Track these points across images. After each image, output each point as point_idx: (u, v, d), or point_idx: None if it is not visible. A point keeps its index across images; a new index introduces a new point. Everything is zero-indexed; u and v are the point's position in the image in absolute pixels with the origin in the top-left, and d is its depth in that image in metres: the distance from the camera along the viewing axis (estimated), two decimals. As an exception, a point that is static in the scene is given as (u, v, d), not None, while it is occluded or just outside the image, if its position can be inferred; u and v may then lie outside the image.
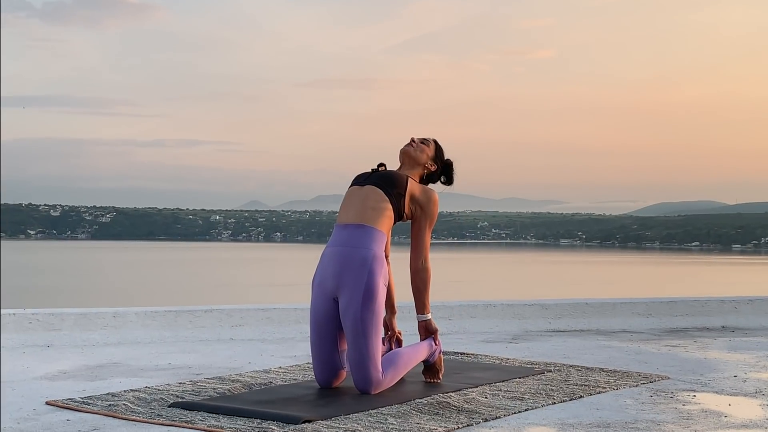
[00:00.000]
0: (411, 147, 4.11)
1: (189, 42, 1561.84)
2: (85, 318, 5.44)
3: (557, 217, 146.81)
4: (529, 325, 6.19)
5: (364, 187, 3.93)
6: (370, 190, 3.91)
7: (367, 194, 3.90)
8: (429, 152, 4.13)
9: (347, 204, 3.94)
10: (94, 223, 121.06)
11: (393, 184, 3.92)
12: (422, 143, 4.14)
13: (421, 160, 4.10)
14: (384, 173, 3.98)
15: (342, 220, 3.90)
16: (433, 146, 4.18)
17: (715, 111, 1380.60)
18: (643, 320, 6.44)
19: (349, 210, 3.91)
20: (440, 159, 4.18)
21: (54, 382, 4.05)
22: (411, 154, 4.09)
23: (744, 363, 4.76)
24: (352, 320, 3.73)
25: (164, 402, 3.56)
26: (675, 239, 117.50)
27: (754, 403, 3.71)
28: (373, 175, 3.98)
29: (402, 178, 3.97)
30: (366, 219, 3.85)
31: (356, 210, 3.88)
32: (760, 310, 6.71)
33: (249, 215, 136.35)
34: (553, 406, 3.60)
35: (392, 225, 3.95)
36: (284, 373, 4.27)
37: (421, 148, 4.12)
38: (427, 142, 4.16)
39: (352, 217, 3.87)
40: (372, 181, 3.94)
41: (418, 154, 4.09)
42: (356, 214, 3.87)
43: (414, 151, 4.09)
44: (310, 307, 3.89)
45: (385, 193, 3.89)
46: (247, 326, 5.69)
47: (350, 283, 3.76)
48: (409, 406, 3.52)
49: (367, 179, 3.97)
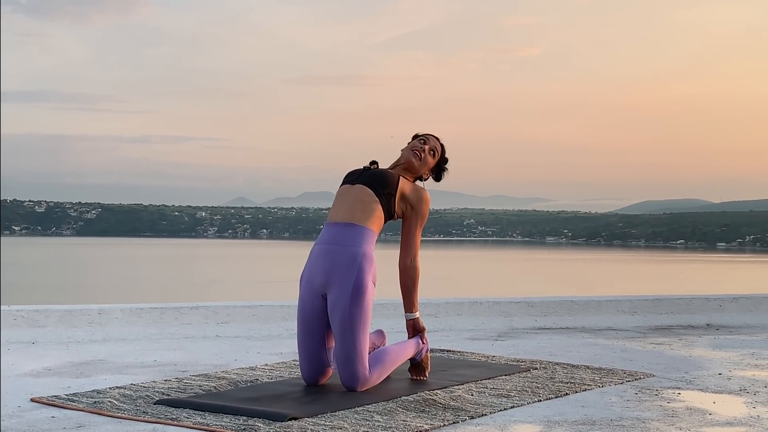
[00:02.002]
0: (416, 159, 4.04)
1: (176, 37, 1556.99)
2: (70, 315, 5.42)
3: (543, 215, 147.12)
4: (515, 323, 6.20)
5: (355, 185, 3.92)
6: (360, 189, 3.89)
7: (357, 194, 3.88)
8: (431, 164, 4.09)
9: (338, 202, 3.93)
10: (79, 220, 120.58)
11: (384, 183, 3.90)
12: (430, 154, 4.06)
13: (420, 171, 4.07)
14: (375, 172, 3.96)
15: (332, 218, 3.90)
16: (439, 156, 4.11)
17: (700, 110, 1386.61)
18: (628, 318, 6.46)
19: (339, 208, 3.89)
20: (440, 164, 4.13)
21: (39, 378, 4.03)
22: (414, 165, 4.04)
23: (728, 361, 4.78)
24: (340, 317, 3.73)
25: (150, 399, 3.55)
26: (660, 237, 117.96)
27: (738, 400, 3.73)
28: (365, 173, 3.96)
29: (393, 177, 3.94)
30: (356, 218, 3.84)
31: (346, 208, 3.87)
32: (744, 308, 6.75)
33: (235, 212, 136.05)
34: (539, 404, 3.60)
35: (383, 224, 3.94)
36: (270, 370, 4.27)
37: (427, 162, 4.06)
38: (435, 152, 4.08)
39: (342, 215, 3.86)
40: (363, 180, 3.92)
41: (419, 167, 4.05)
42: (346, 213, 3.86)
43: (417, 164, 4.04)
44: (298, 304, 3.89)
45: (375, 193, 3.87)
46: (233, 323, 5.68)
47: (339, 280, 3.76)
48: (396, 403, 3.52)
49: (358, 177, 3.95)
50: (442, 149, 4.13)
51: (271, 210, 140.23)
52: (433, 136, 4.13)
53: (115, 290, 32.18)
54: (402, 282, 4.00)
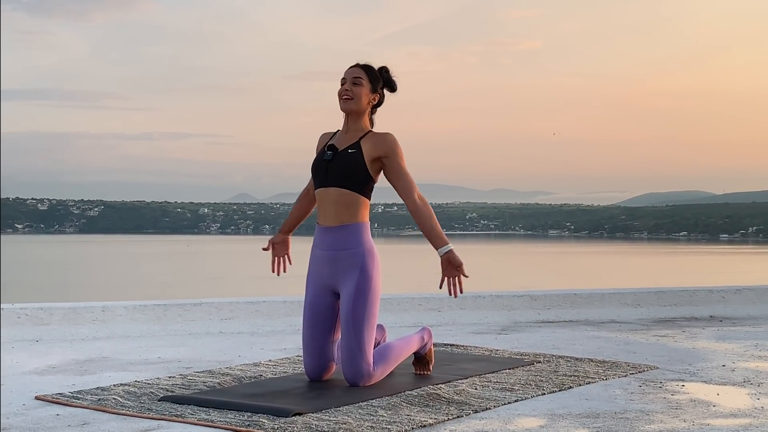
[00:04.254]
0: (345, 104, 3.85)
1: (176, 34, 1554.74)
2: (73, 312, 5.43)
3: (546, 208, 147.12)
4: (519, 316, 6.20)
5: (329, 189, 3.81)
6: (336, 193, 3.80)
7: (336, 198, 3.80)
8: (366, 90, 3.86)
9: (321, 207, 3.86)
10: (81, 217, 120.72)
11: (352, 175, 3.79)
12: (356, 84, 3.84)
13: (363, 105, 3.87)
14: (338, 169, 3.80)
15: (322, 222, 3.85)
16: (366, 77, 3.87)
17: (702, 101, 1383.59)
18: (631, 310, 6.46)
19: (325, 213, 3.84)
20: (377, 81, 3.90)
21: (43, 376, 4.04)
22: (352, 109, 3.86)
23: (732, 352, 4.78)
24: (347, 313, 3.74)
25: (154, 396, 3.55)
26: (663, 229, 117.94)
27: (742, 392, 3.73)
28: (329, 174, 3.81)
29: (355, 159, 3.79)
30: (345, 219, 3.80)
31: (332, 213, 3.81)
32: (747, 300, 6.75)
33: (238, 208, 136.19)
34: (543, 397, 3.61)
35: (370, 197, 3.84)
36: (274, 366, 4.27)
37: (357, 93, 3.85)
38: (359, 78, 3.86)
39: (331, 220, 3.82)
40: (333, 183, 3.81)
41: (357, 104, 3.85)
42: (334, 218, 3.81)
43: (354, 104, 3.85)
44: (305, 300, 3.88)
45: (350, 189, 3.79)
46: (237, 319, 5.68)
47: (347, 280, 3.77)
48: (400, 398, 3.52)
49: (326, 178, 3.82)
50: (367, 67, 3.90)
51: (274, 206, 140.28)
52: (352, 66, 3.91)
53: (119, 287, 32.22)
54: (420, 222, 3.80)
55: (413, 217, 3.84)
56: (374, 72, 3.91)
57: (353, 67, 3.91)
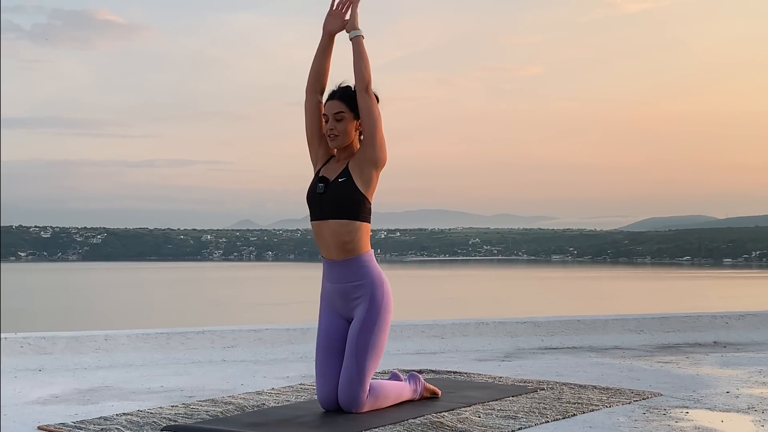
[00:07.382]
0: (333, 141, 3.84)
1: (178, 61, 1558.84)
2: (76, 341, 5.42)
3: (548, 233, 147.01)
4: (522, 343, 6.19)
5: (327, 222, 3.79)
6: (336, 225, 3.78)
7: (335, 230, 3.78)
8: (349, 121, 3.83)
9: (321, 241, 3.84)
10: (84, 244, 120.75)
11: (347, 206, 3.77)
12: (337, 120, 3.81)
13: (351, 137, 3.85)
14: (331, 201, 3.77)
15: (327, 256, 3.85)
16: (347, 108, 3.82)
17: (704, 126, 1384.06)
18: (635, 337, 6.45)
19: (327, 248, 3.82)
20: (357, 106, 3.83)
21: (46, 406, 4.03)
22: (341, 145, 3.84)
23: (736, 378, 4.77)
24: (352, 341, 3.75)
25: (157, 425, 3.54)
26: (666, 254, 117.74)
27: (746, 419, 3.72)
28: (325, 206, 3.79)
29: (348, 188, 3.77)
30: (347, 253, 3.79)
31: (334, 248, 3.80)
32: (751, 326, 6.73)
33: (240, 234, 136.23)
34: (546, 425, 3.59)
35: (369, 218, 3.83)
36: (277, 394, 4.26)
37: (342, 129, 3.82)
38: (340, 114, 3.81)
39: (333, 254, 3.81)
40: (329, 215, 3.78)
41: (345, 139, 3.84)
42: (338, 251, 3.80)
43: (341, 140, 3.83)
44: (319, 327, 3.88)
45: (348, 218, 3.78)
46: (240, 347, 5.68)
47: (357, 309, 3.80)
48: (403, 426, 3.51)
49: (321, 211, 3.80)
50: (345, 95, 3.84)
51: (276, 232, 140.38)
52: (329, 99, 3.86)
53: (121, 316, 32.15)
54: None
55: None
56: (352, 96, 3.84)
57: (331, 100, 3.87)
